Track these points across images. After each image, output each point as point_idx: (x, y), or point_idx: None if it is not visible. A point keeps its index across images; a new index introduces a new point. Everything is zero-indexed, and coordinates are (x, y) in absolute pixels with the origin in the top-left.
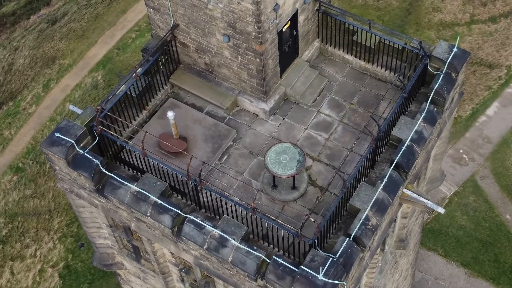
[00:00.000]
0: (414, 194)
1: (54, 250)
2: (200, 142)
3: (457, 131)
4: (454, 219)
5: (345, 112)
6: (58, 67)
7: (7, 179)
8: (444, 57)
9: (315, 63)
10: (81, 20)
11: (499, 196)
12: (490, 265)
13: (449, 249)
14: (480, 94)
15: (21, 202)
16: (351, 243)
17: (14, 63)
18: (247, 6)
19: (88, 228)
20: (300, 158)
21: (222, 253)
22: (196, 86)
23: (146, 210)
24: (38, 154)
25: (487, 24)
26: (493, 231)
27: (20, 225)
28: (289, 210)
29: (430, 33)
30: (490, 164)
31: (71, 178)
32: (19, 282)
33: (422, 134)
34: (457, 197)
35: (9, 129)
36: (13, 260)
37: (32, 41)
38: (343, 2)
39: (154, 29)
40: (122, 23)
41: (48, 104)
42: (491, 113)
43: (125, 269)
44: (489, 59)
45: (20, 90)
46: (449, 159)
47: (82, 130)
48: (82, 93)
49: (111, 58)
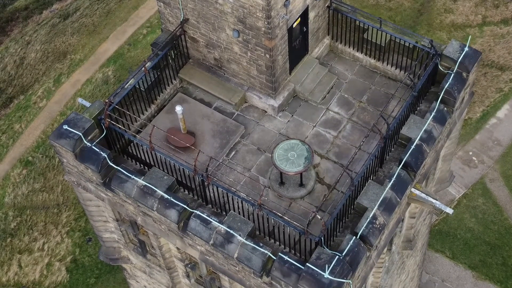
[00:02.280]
0: (422, 194)
1: (62, 244)
2: (208, 138)
3: (467, 133)
4: (462, 221)
5: (354, 110)
6: (69, 62)
7: (17, 172)
8: (455, 56)
9: (325, 61)
10: (93, 16)
11: (508, 199)
12: (498, 268)
13: (456, 251)
14: (491, 96)
15: (30, 196)
16: (358, 241)
17: (25, 57)
18: (258, 1)
19: (95, 221)
20: (308, 155)
21: (228, 249)
22: (205, 81)
23: (153, 205)
24: (48, 148)
25: (499, 26)
26: (501, 234)
27: (28, 218)
28: (296, 207)
29: (441, 34)
30: (500, 167)
31: (79, 171)
32: (27, 275)
33: (432, 133)
34: (466, 199)
35: (19, 123)
36: (21, 253)
37: (44, 35)
38: (355, 2)
39: (164, 23)
40: (133, 19)
41: (59, 99)
42: (501, 116)
43: (131, 264)
44: (501, 62)
45: (31, 84)
46: (459, 161)
47: (90, 123)
48: (92, 88)
49: (122, 54)
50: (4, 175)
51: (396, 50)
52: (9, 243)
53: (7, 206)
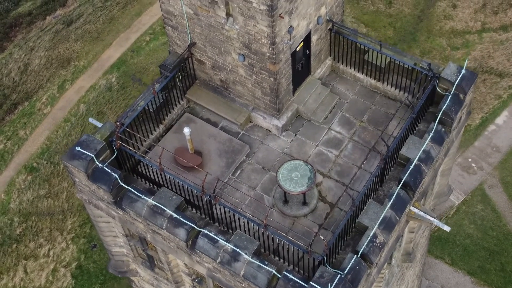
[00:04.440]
0: (420, 212)
1: (67, 250)
2: (214, 157)
3: (466, 139)
4: (461, 228)
5: (355, 129)
6: (73, 69)
7: (22, 178)
8: (452, 78)
9: (327, 81)
10: (96, 22)
11: (507, 206)
12: (496, 274)
13: (456, 258)
14: (490, 103)
15: (35, 202)
16: (359, 260)
17: (29, 64)
18: (263, 29)
19: (105, 236)
20: (311, 176)
21: (235, 266)
22: (211, 102)
23: (162, 223)
24: (53, 155)
25: (498, 33)
26: (500, 240)
27: (34, 224)
28: (300, 225)
29: (441, 41)
30: (499, 173)
31: (90, 190)
32: (32, 281)
33: (430, 153)
34: (465, 206)
35: (24, 129)
36: (27, 259)
37: (48, 42)
38: (355, 9)
39: (171, 45)
40: (136, 26)
41: (63, 105)
42: (500, 122)
43: (139, 277)
44: (500, 68)
45: (36, 90)
46: (458, 167)
47: (101, 144)
48: (96, 95)
49: (125, 61)
50: (9, 181)
51: (395, 71)
52: (15, 249)
53: (12, 212)
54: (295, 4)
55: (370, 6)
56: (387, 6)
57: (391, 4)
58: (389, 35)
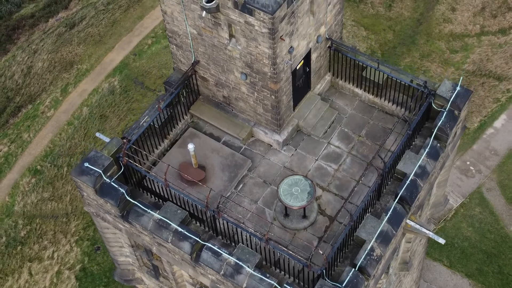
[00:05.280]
0: (416, 225)
1: (71, 253)
2: (217, 171)
3: (464, 143)
4: (459, 230)
5: (354, 144)
6: (76, 72)
7: (26, 181)
8: (447, 95)
9: (326, 96)
10: (99, 26)
11: (504, 209)
12: (494, 276)
13: (454, 260)
14: (488, 106)
15: (39, 205)
16: (357, 273)
17: (33, 67)
18: (264, 50)
19: (111, 246)
20: (310, 190)
21: (237, 279)
22: (215, 117)
23: (167, 237)
24: (56, 158)
25: (497, 36)
26: (497, 243)
27: (38, 227)
28: (300, 237)
29: (440, 44)
30: (497, 176)
31: (98, 204)
32: (37, 283)
33: (426, 168)
34: (463, 209)
35: (28, 132)
36: (31, 261)
37: (51, 45)
38: (355, 12)
39: (176, 63)
40: (138, 29)
41: (66, 108)
42: (498, 126)
43: (144, 285)
44: (498, 71)
45: (39, 93)
46: (456, 170)
47: (109, 160)
48: (99, 98)
49: (128, 64)
50: (14, 183)
51: (393, 87)
52: (20, 251)
53: (16, 214)
54: (295, 26)
55: (370, 9)
56: (387, 9)
57: (391, 7)
58: (389, 38)
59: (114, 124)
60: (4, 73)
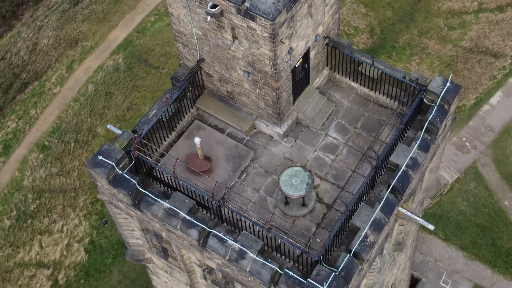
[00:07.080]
0: (408, 212)
1: (80, 226)
2: (222, 162)
3: (460, 119)
4: (455, 205)
5: (350, 135)
6: (80, 49)
7: (34, 156)
8: (438, 91)
9: (324, 89)
10: (102, 3)
11: (498, 183)
12: (487, 249)
13: (449, 233)
14: (485, 83)
15: (48, 179)
16: (351, 258)
17: (38, 43)
18: (265, 52)
19: (123, 230)
20: (309, 181)
21: (241, 263)
22: (219, 110)
23: (176, 224)
24: (63, 134)
25: (494, 13)
26: (491, 216)
27: (47, 201)
28: (299, 224)
29: (438, 21)
30: (492, 152)
31: (111, 193)
32: (48, 255)
33: (417, 160)
34: (459, 183)
35: (35, 108)
36: (42, 234)
37: (55, 21)
38: None
39: (182, 59)
40: (141, 7)
41: (72, 85)
42: (494, 102)
43: (153, 264)
44: (495, 49)
45: (45, 70)
46: (452, 146)
47: (121, 154)
48: (104, 75)
49: (131, 41)
50: (22, 159)
51: (387, 81)
52: (30, 225)
53: (26, 188)
54: (294, 29)
55: None
56: None
57: None
58: (388, 15)
59: (119, 101)
60: (10, 49)
